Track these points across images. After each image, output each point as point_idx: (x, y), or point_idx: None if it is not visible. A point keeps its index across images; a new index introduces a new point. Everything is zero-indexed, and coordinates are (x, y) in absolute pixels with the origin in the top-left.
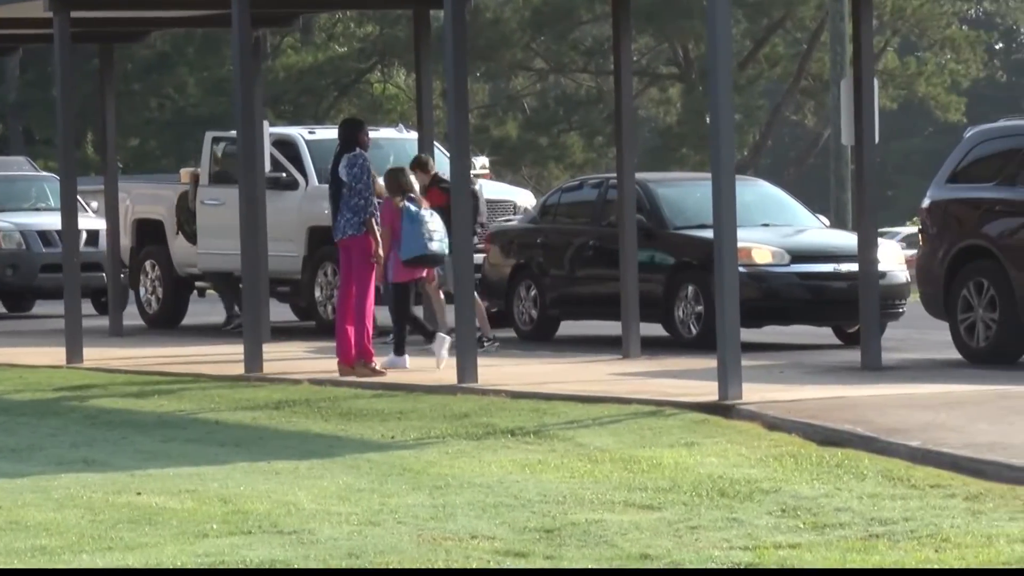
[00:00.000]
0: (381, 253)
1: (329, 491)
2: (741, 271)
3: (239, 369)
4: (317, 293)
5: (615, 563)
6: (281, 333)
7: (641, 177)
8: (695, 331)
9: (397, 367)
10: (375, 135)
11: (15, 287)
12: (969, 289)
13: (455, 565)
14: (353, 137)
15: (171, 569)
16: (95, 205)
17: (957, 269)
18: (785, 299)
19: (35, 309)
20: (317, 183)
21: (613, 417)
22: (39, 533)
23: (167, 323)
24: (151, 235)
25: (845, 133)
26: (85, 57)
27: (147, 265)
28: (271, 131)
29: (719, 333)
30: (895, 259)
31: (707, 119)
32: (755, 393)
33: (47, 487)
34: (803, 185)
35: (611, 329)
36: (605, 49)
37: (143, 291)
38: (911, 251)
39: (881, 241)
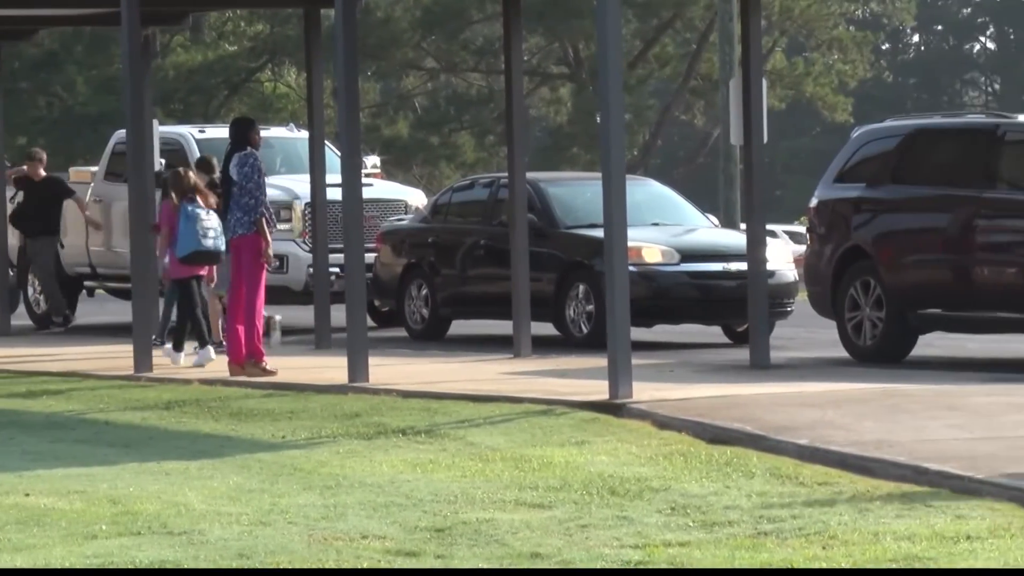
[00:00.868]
0: (271, 253)
1: (219, 491)
2: (631, 270)
3: (129, 369)
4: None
5: (506, 562)
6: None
7: (532, 176)
8: (586, 330)
9: (206, 360)
10: (266, 134)
11: None
12: (856, 288)
13: (346, 565)
14: (244, 136)
15: (60, 570)
16: None
17: (844, 268)
18: (675, 298)
19: None
20: None
21: (504, 416)
22: None
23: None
24: None
25: (734, 133)
26: None
27: None
28: (161, 130)
29: (609, 332)
30: (783, 258)
31: (597, 119)
32: (645, 392)
33: None
34: (693, 184)
35: (502, 328)
36: (496, 48)
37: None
38: (798, 247)
39: (770, 240)
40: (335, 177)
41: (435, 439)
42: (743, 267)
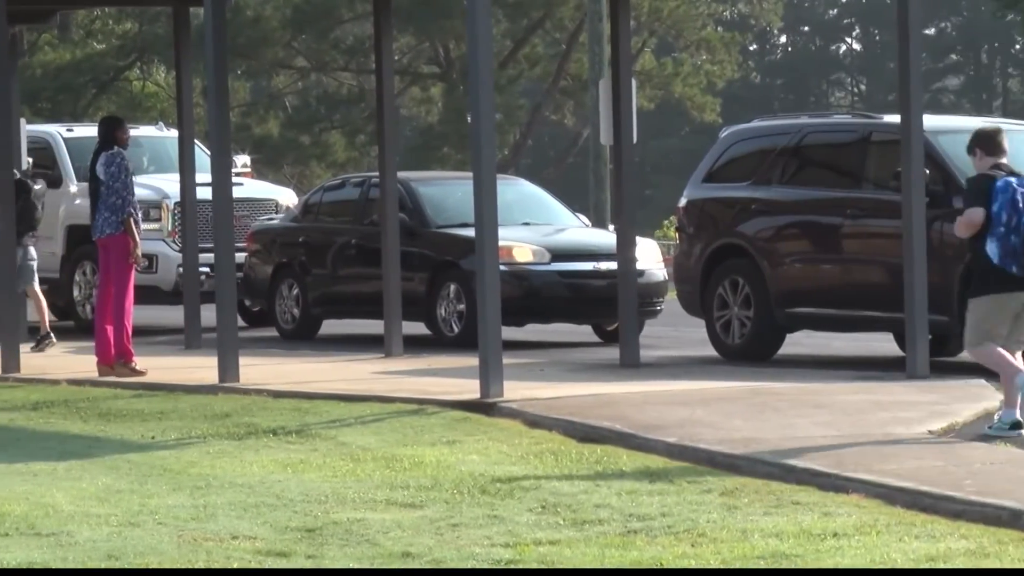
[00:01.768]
0: (140, 253)
1: (88, 492)
2: (502, 270)
3: None
4: (75, 292)
5: (377, 562)
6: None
7: (403, 176)
8: (457, 329)
9: None
10: (135, 133)
11: None
12: (725, 287)
13: (216, 565)
14: (112, 135)
15: None
16: None
17: (713, 267)
18: (546, 297)
19: None
20: (76, 181)
21: (375, 416)
22: None
23: None
24: None
25: (604, 133)
26: None
27: None
28: (28, 129)
29: (480, 331)
30: (653, 258)
31: (468, 118)
32: (516, 391)
33: None
34: (563, 184)
35: (373, 328)
36: (366, 48)
37: None
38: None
39: (639, 240)
40: (205, 176)
41: (306, 439)
42: (613, 266)
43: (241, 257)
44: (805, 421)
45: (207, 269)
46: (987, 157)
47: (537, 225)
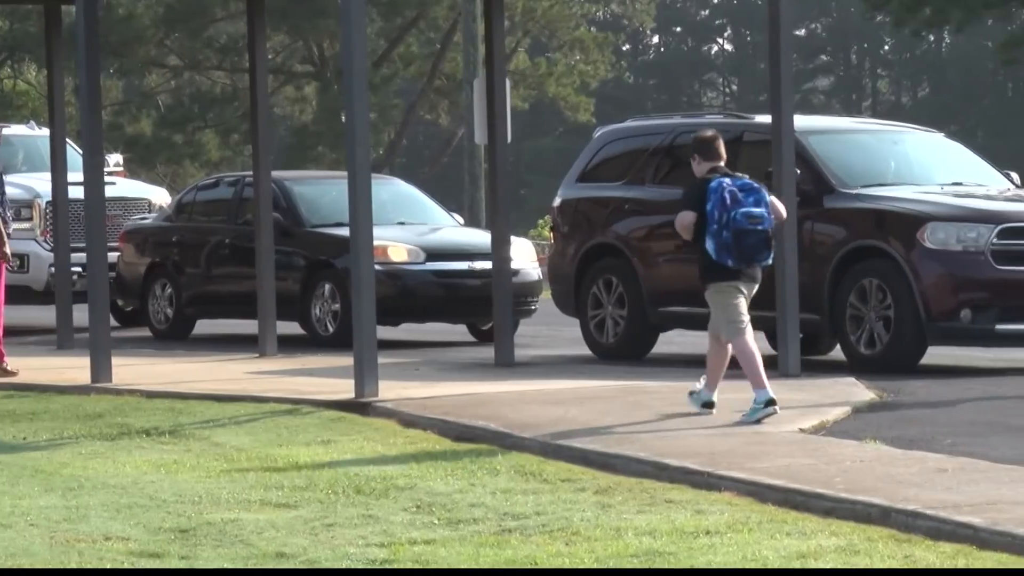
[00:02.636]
0: (9, 252)
1: None
2: (377, 269)
3: None
4: None
5: (251, 562)
6: None
7: (277, 175)
8: (332, 329)
9: None
10: (6, 132)
11: None
12: (599, 286)
13: (89, 566)
14: None
15: None
16: None
17: (587, 267)
18: (421, 297)
19: None
20: None
21: (250, 416)
22: None
23: None
24: None
25: (478, 132)
26: None
27: None
28: None
29: (355, 331)
30: (527, 257)
31: (342, 118)
32: (391, 390)
33: None
34: (438, 184)
35: (248, 328)
36: (240, 46)
37: None
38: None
39: (514, 239)
40: (77, 175)
41: (180, 439)
42: (488, 266)
43: (113, 257)
44: (678, 420)
45: (79, 269)
46: (704, 162)
47: (412, 224)
